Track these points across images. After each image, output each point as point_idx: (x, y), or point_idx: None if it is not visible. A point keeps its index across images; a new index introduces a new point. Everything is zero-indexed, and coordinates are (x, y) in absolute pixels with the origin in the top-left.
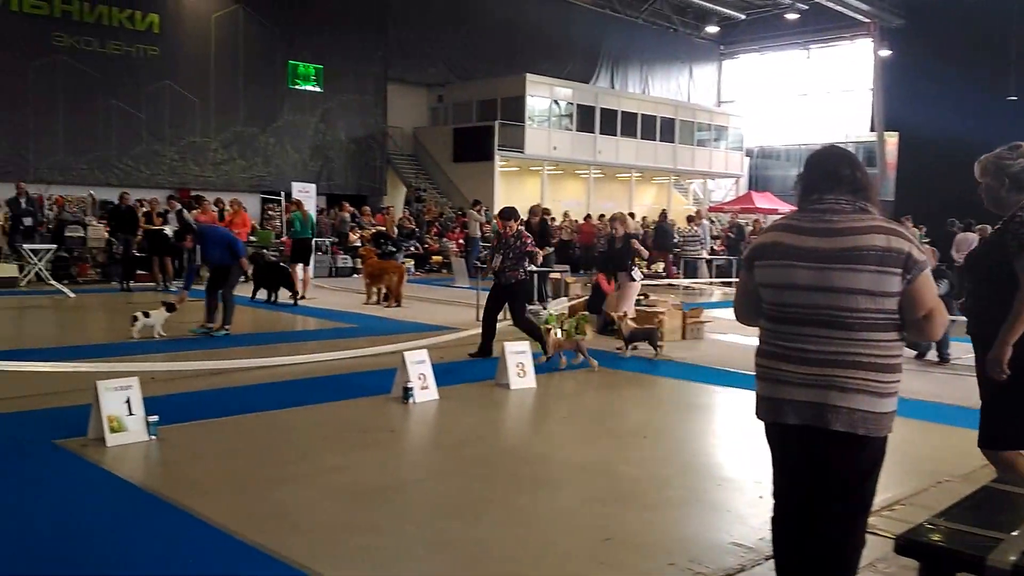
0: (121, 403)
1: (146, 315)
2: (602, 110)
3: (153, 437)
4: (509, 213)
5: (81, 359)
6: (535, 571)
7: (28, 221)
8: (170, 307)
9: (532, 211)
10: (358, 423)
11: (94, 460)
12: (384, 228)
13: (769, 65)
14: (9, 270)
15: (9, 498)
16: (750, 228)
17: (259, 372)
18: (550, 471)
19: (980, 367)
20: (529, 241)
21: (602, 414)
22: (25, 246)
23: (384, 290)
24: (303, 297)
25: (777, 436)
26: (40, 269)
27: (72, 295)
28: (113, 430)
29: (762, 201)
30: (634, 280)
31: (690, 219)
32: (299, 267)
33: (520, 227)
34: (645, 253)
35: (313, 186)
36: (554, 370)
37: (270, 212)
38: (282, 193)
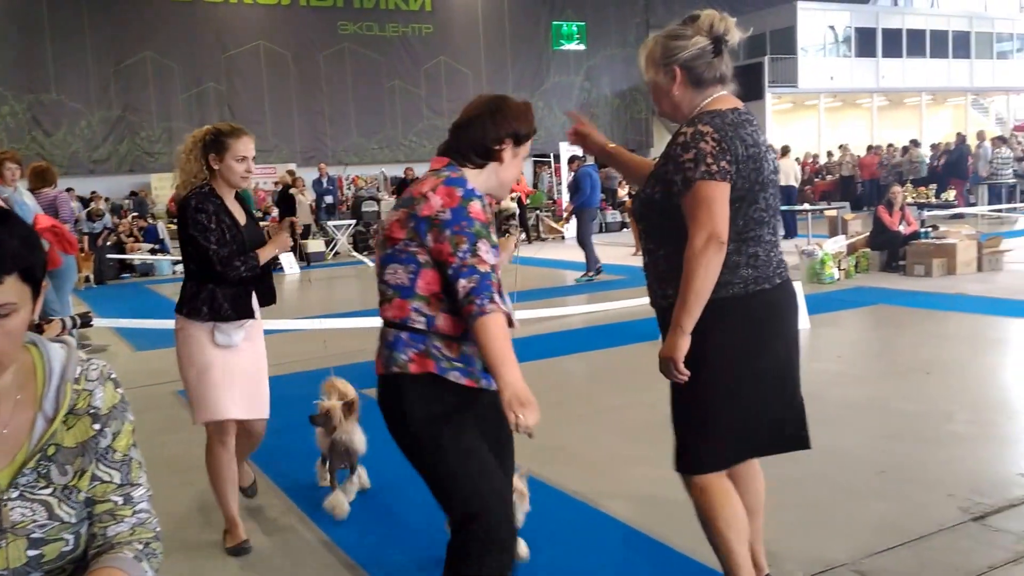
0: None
1: None
2: (884, 31)
3: None
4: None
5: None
6: (804, 503)
7: (329, 199)
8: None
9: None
10: (630, 367)
11: None
12: None
13: None
14: (317, 245)
15: None
16: None
17: (541, 324)
18: (823, 409)
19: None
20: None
21: (882, 351)
22: (328, 223)
23: None
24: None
25: None
26: (343, 242)
27: (372, 264)
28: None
29: None
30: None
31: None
32: None
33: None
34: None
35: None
36: (842, 306)
37: (542, 174)
38: (552, 155)
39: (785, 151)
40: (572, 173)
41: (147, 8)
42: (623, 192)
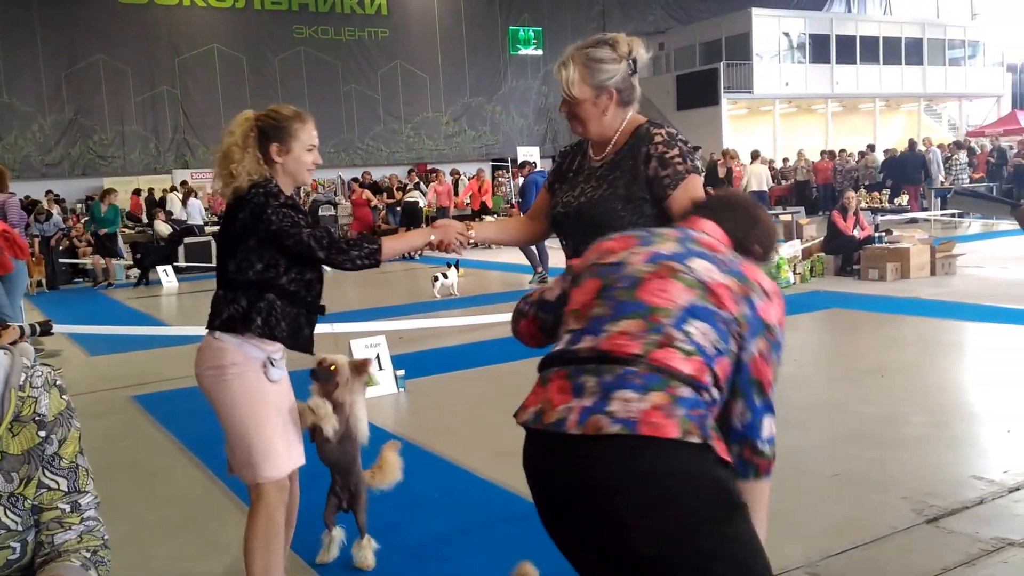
0: (371, 360)
1: (444, 276)
2: (838, 37)
3: (401, 389)
4: None
5: (337, 323)
6: None
7: None
8: (456, 265)
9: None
10: None
11: None
12: None
13: None
14: None
15: None
16: (1014, 151)
17: (493, 329)
18: (779, 411)
19: None
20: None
21: (839, 355)
22: None
23: None
24: None
25: None
26: None
27: (329, 269)
28: (366, 384)
29: None
30: None
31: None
32: None
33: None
34: None
35: (536, 149)
36: None
37: (500, 179)
38: (509, 160)
39: (755, 156)
40: (522, 178)
41: (99, 11)
42: None
